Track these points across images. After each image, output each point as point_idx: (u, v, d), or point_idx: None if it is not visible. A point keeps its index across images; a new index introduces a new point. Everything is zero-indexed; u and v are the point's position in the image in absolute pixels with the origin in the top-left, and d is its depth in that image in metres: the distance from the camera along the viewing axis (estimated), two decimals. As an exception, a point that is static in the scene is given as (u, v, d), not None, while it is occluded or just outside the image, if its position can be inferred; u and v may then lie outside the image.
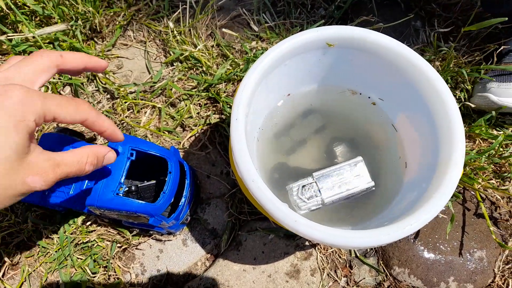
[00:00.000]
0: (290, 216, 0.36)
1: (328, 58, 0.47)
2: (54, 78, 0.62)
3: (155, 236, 0.57)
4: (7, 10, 0.61)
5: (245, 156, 0.38)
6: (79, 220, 0.55)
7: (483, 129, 0.61)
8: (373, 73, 0.48)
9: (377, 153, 0.52)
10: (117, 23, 0.68)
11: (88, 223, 0.55)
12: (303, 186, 0.48)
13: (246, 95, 0.40)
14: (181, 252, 0.57)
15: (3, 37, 0.61)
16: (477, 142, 0.63)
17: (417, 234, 0.57)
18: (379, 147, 0.52)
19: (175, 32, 0.67)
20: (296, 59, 0.45)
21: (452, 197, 0.52)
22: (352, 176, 0.48)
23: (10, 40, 0.62)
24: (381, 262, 0.58)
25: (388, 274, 0.57)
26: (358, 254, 0.58)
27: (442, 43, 0.68)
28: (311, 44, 0.44)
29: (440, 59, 0.65)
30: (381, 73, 0.47)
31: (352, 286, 0.56)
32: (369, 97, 0.52)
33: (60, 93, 0.63)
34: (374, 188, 0.48)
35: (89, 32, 0.66)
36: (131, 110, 0.63)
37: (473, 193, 0.60)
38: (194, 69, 0.66)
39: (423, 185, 0.41)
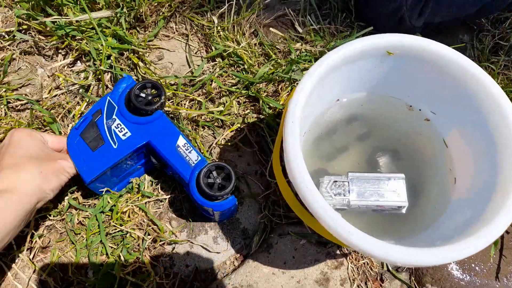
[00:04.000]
0: (343, 227, 0.35)
1: (384, 67, 0.46)
2: (94, 65, 0.62)
3: (186, 232, 0.57)
4: (54, -8, 0.61)
5: (300, 161, 0.37)
6: (116, 208, 0.55)
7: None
8: (429, 84, 0.46)
9: (422, 167, 0.51)
10: (160, 13, 0.68)
11: (125, 209, 0.55)
12: (335, 182, 0.47)
13: (303, 97, 0.39)
14: (211, 250, 0.56)
15: (48, 19, 0.61)
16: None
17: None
18: (426, 160, 0.51)
19: (219, 27, 0.66)
20: (352, 65, 0.44)
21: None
22: (387, 190, 0.47)
23: (54, 23, 0.62)
24: (413, 278, 0.56)
25: (420, 291, 0.55)
26: (390, 268, 0.57)
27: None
28: (371, 51, 0.43)
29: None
30: (438, 86, 0.46)
31: (382, 300, 0.55)
32: (420, 110, 0.50)
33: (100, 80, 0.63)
34: (404, 211, 0.47)
35: (133, 20, 0.66)
36: (172, 101, 0.62)
37: (513, 215, 0.59)
38: (235, 66, 0.65)
39: (478, 205, 0.39)
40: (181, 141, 0.50)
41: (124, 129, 0.50)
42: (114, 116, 0.50)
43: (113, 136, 0.49)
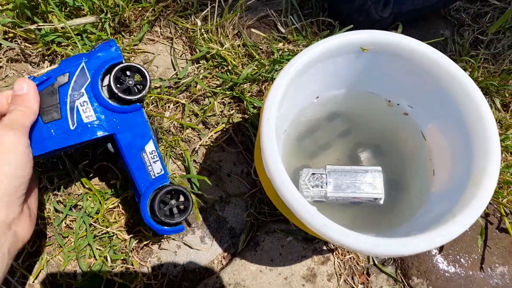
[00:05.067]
0: (319, 220, 0.35)
1: (360, 63, 0.47)
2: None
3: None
4: (39, 0, 0.62)
5: (275, 157, 0.38)
6: (102, 210, 0.55)
7: (510, 142, 0.60)
8: (405, 80, 0.47)
9: (403, 160, 0.51)
10: (145, 18, 0.68)
11: (111, 208, 0.56)
12: (313, 174, 0.48)
13: (278, 95, 0.40)
14: (198, 249, 0.57)
15: (33, 26, 0.62)
16: (503, 155, 0.62)
17: (441, 246, 0.56)
18: (406, 154, 0.51)
19: (202, 30, 0.67)
20: (328, 62, 0.45)
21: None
22: (364, 182, 0.48)
23: (40, 30, 0.63)
24: (399, 271, 0.57)
25: (406, 284, 0.56)
26: (376, 262, 0.57)
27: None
28: (345, 47, 0.43)
29: (470, 69, 0.64)
30: (413, 80, 0.46)
31: (369, 294, 0.56)
32: (398, 104, 0.51)
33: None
34: (381, 203, 0.48)
35: (118, 26, 0.67)
36: (155, 104, 0.63)
37: (497, 206, 0.59)
38: (220, 67, 0.66)
39: (454, 196, 0.40)
40: (149, 146, 0.45)
41: (89, 110, 0.41)
42: (82, 90, 0.41)
43: (74, 114, 0.41)
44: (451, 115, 0.44)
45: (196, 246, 0.57)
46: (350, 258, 0.57)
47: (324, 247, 0.57)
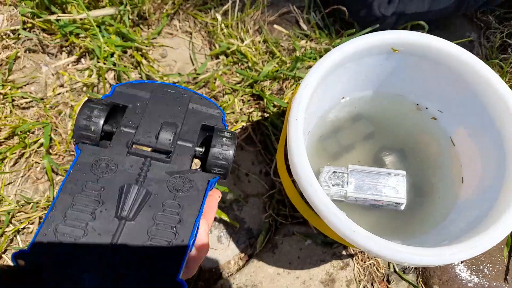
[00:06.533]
0: (348, 226, 0.34)
1: (390, 64, 0.45)
2: (99, 62, 0.62)
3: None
4: (59, -10, 0.61)
5: (303, 159, 0.37)
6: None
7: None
8: (435, 83, 0.45)
9: (429, 166, 0.50)
10: (164, 11, 0.67)
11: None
12: (334, 172, 0.47)
13: (307, 94, 0.39)
14: (215, 249, 0.56)
15: (52, 17, 0.61)
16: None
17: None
18: (432, 159, 0.50)
19: (223, 25, 0.66)
20: (357, 62, 0.44)
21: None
22: (386, 185, 0.46)
23: (58, 21, 0.62)
24: (420, 280, 0.55)
25: (427, 292, 0.54)
26: (397, 269, 0.56)
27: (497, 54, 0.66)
28: (376, 48, 0.42)
29: (498, 74, 0.62)
30: (444, 83, 0.45)
31: (388, 301, 0.54)
32: (426, 108, 0.49)
33: (105, 78, 0.62)
34: (402, 208, 0.46)
35: (136, 18, 0.66)
36: (174, 101, 0.62)
37: (522, 216, 0.57)
38: (239, 64, 0.64)
39: (486, 204, 0.38)
40: None
41: None
42: None
43: None
44: (483, 120, 0.42)
45: (213, 246, 0.56)
46: (370, 264, 0.56)
47: (344, 252, 0.56)
